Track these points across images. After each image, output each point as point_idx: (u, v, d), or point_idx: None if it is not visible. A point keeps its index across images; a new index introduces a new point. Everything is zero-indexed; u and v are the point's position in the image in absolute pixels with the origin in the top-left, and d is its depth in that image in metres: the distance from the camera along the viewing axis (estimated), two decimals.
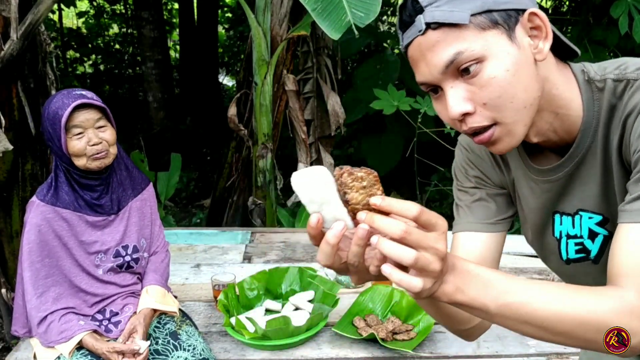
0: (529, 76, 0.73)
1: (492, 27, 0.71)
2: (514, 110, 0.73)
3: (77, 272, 1.61)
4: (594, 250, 0.86)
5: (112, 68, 7.23)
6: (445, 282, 0.66)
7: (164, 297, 1.73)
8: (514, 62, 0.71)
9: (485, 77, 0.71)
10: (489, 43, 0.71)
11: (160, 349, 1.63)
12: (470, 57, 0.70)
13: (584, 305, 0.68)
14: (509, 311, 0.68)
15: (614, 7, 2.84)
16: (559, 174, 0.83)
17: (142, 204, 1.73)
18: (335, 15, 2.09)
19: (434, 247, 0.62)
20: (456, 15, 0.70)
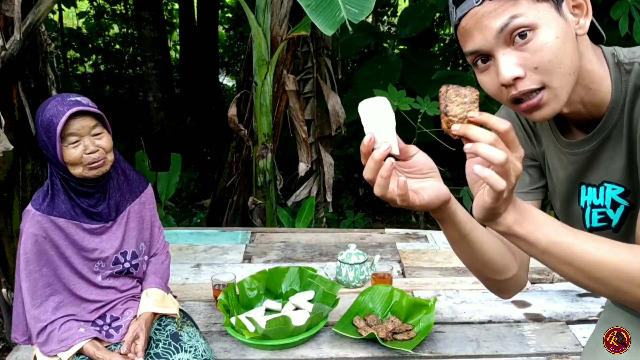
0: (573, 46, 0.79)
1: (543, 0, 0.77)
2: (561, 75, 0.79)
3: (76, 280, 1.59)
4: (615, 220, 0.93)
5: (113, 68, 7.24)
6: (508, 213, 0.75)
7: (164, 299, 1.72)
8: (562, 31, 0.78)
9: (539, 43, 0.77)
10: (541, 13, 0.77)
11: (161, 351, 1.61)
12: (524, 22, 0.76)
13: (623, 256, 0.75)
14: (556, 249, 0.76)
15: (614, 9, 2.84)
16: (586, 147, 0.89)
17: (140, 207, 1.70)
18: (329, 11, 2.08)
19: (515, 162, 0.71)
20: None
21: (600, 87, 0.85)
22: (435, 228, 3.84)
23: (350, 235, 2.72)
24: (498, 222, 0.76)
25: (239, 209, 3.29)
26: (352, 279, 2.13)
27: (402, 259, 2.41)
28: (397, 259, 2.42)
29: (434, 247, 2.55)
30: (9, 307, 2.42)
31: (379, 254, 2.31)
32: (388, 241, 2.62)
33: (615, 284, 0.76)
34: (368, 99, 0.77)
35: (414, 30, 4.09)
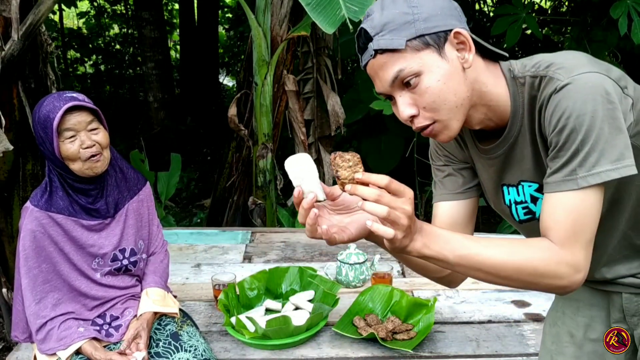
0: (457, 83, 0.93)
1: (425, 48, 0.91)
2: (447, 110, 0.93)
3: (75, 276, 1.59)
4: (538, 212, 1.04)
5: (113, 68, 7.24)
6: (415, 240, 0.87)
7: (164, 298, 1.72)
8: (444, 74, 0.92)
9: (423, 87, 0.92)
10: (424, 60, 0.91)
11: (161, 351, 1.62)
12: (409, 73, 0.91)
13: (521, 255, 0.89)
14: (464, 261, 0.89)
15: (613, 8, 2.83)
16: (498, 152, 1.03)
17: (139, 204, 1.71)
18: (329, 9, 2.09)
19: (402, 207, 0.83)
20: (395, 42, 0.91)
21: (499, 103, 0.98)
22: None
23: None
24: (408, 251, 0.88)
25: (239, 209, 3.30)
26: (352, 278, 2.13)
27: None
28: (397, 259, 2.42)
29: None
30: (9, 306, 2.43)
31: (379, 254, 2.31)
32: None
33: (520, 279, 0.90)
34: (291, 157, 0.91)
35: None
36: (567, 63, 0.92)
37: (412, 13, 0.91)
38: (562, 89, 0.88)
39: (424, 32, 0.91)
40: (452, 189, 1.14)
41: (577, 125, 0.87)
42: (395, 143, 4.08)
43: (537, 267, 0.88)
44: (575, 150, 0.88)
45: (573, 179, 0.88)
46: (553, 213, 0.90)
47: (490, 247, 0.90)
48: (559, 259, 0.88)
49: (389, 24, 0.92)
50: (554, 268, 0.88)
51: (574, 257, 0.89)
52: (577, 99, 0.87)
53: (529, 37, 4.64)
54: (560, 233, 0.89)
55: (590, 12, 3.33)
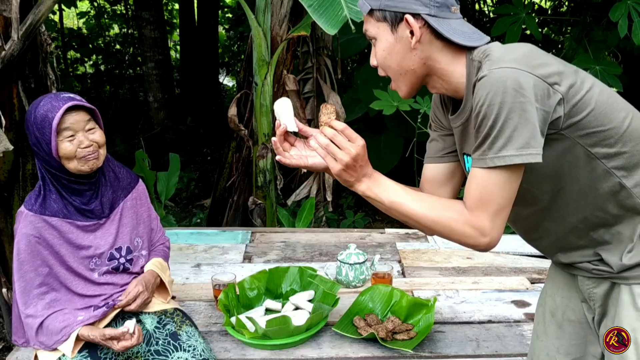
0: (400, 56, 1.12)
1: (382, 21, 1.11)
2: (392, 73, 1.16)
3: (72, 278, 1.59)
4: None
5: (113, 68, 7.23)
6: (361, 182, 1.12)
7: (165, 270, 1.75)
8: (388, 47, 1.12)
9: (375, 50, 1.15)
10: (379, 30, 1.12)
11: (160, 349, 1.62)
12: (369, 35, 1.15)
13: (437, 212, 1.09)
14: (395, 206, 1.11)
15: (613, 10, 2.83)
16: (457, 123, 1.17)
17: (133, 202, 1.72)
18: (331, 10, 2.09)
19: (347, 147, 1.08)
20: (364, 8, 1.13)
21: (451, 78, 1.13)
22: None
23: (350, 235, 2.72)
24: (355, 189, 1.12)
25: (239, 209, 3.30)
26: (352, 278, 2.13)
27: (402, 259, 2.41)
28: (397, 259, 2.43)
29: (433, 247, 2.55)
30: (9, 306, 2.43)
31: (379, 254, 2.31)
32: (388, 241, 2.62)
33: (437, 231, 1.10)
34: (278, 100, 1.24)
35: None
36: (499, 55, 1.04)
37: None
38: (481, 80, 1.02)
39: (385, 8, 1.10)
40: (434, 153, 1.32)
41: (488, 113, 1.00)
42: (395, 143, 4.08)
43: (448, 224, 1.08)
44: (487, 134, 1.02)
45: (483, 159, 1.03)
46: (469, 184, 1.07)
47: (417, 201, 1.10)
48: (465, 220, 1.06)
49: None
50: (461, 227, 1.06)
51: (479, 222, 1.05)
52: (489, 90, 1.00)
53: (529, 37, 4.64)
54: (470, 201, 1.06)
55: (590, 12, 3.32)
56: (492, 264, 2.35)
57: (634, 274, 1.12)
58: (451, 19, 1.11)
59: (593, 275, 1.18)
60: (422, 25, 1.09)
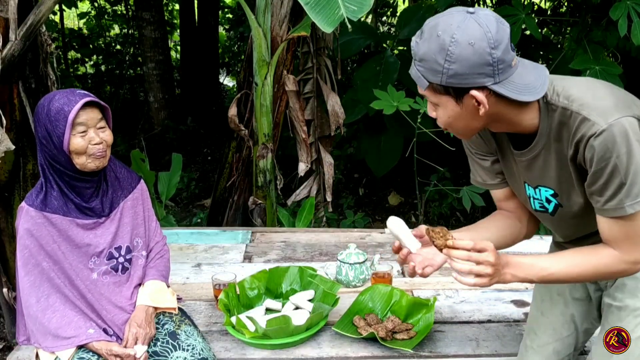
0: (467, 121, 1.17)
1: (444, 94, 1.13)
2: (456, 131, 1.23)
3: (72, 277, 1.60)
4: (550, 209, 1.34)
5: (113, 68, 7.23)
6: (504, 274, 1.20)
7: (161, 292, 1.73)
8: (454, 114, 1.16)
9: (439, 114, 1.19)
10: (441, 100, 1.15)
11: (159, 350, 1.62)
12: (430, 100, 1.18)
13: (592, 264, 1.21)
14: (546, 279, 1.24)
15: (613, 10, 2.83)
16: (524, 158, 1.26)
17: (134, 202, 1.72)
18: (328, 9, 2.09)
19: (486, 260, 1.15)
20: (420, 82, 1.14)
21: (521, 123, 1.19)
22: None
23: (350, 235, 2.72)
24: (503, 282, 1.21)
25: (239, 209, 3.30)
26: (352, 278, 2.13)
27: None
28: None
29: None
30: (9, 306, 2.43)
31: (379, 254, 2.31)
32: (388, 241, 2.63)
33: (597, 277, 1.26)
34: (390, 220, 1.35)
35: (413, 31, 4.08)
36: (598, 104, 1.11)
37: (443, 67, 1.08)
38: (602, 134, 1.09)
39: (447, 84, 1.10)
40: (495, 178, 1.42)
41: (618, 165, 1.10)
42: (395, 143, 4.08)
43: (608, 270, 1.21)
44: (620, 184, 1.12)
45: (622, 207, 1.14)
46: (611, 231, 1.19)
47: (565, 264, 1.21)
48: (621, 260, 1.20)
49: (424, 60, 1.10)
50: (619, 267, 1.21)
51: (632, 257, 1.20)
52: (615, 143, 1.08)
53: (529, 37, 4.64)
54: (619, 244, 1.19)
55: (589, 13, 3.33)
56: None
57: None
58: (514, 74, 1.11)
59: None
60: (488, 94, 1.11)
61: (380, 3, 5.81)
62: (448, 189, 3.83)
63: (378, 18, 6.43)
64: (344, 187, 4.73)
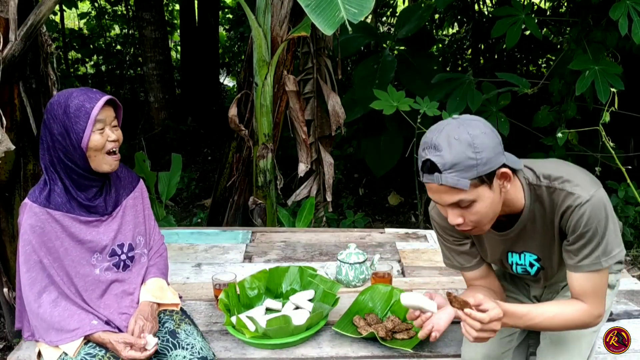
0: (497, 205, 1.32)
1: (480, 185, 1.25)
2: (486, 222, 1.33)
3: (74, 273, 1.61)
4: (532, 272, 1.54)
5: (114, 69, 7.23)
6: (502, 325, 1.31)
7: (162, 290, 1.74)
8: (491, 202, 1.29)
9: (474, 210, 1.29)
10: (478, 193, 1.26)
11: (158, 348, 1.63)
12: (466, 202, 1.27)
13: (567, 315, 1.39)
14: (530, 325, 1.39)
15: (613, 9, 2.84)
16: (511, 234, 1.45)
17: (135, 201, 1.74)
18: (328, 11, 2.09)
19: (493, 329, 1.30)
20: (461, 183, 1.23)
21: (515, 204, 1.38)
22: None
23: (350, 235, 2.73)
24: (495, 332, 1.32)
25: (239, 209, 3.30)
26: (352, 278, 2.14)
27: (402, 259, 2.42)
28: (397, 259, 2.43)
29: (433, 246, 2.56)
30: (10, 306, 2.43)
31: (378, 254, 2.32)
32: (388, 241, 2.63)
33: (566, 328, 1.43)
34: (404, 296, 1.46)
35: (411, 30, 4.10)
36: (576, 181, 1.34)
37: (476, 159, 1.21)
38: (586, 204, 1.30)
39: (482, 173, 1.23)
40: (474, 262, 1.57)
41: (598, 228, 1.32)
42: (395, 142, 4.09)
43: (577, 322, 1.40)
44: (597, 244, 1.33)
45: (598, 262, 1.35)
46: (582, 286, 1.38)
47: (546, 316, 1.38)
48: (590, 314, 1.38)
49: (456, 165, 1.21)
50: (588, 320, 1.40)
51: (599, 310, 1.39)
52: (596, 211, 1.31)
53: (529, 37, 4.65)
54: (588, 297, 1.38)
55: (589, 13, 3.33)
56: None
57: None
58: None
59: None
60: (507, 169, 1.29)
61: (380, 3, 5.82)
62: None
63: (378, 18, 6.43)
64: (344, 187, 4.73)
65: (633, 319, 1.93)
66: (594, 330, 1.55)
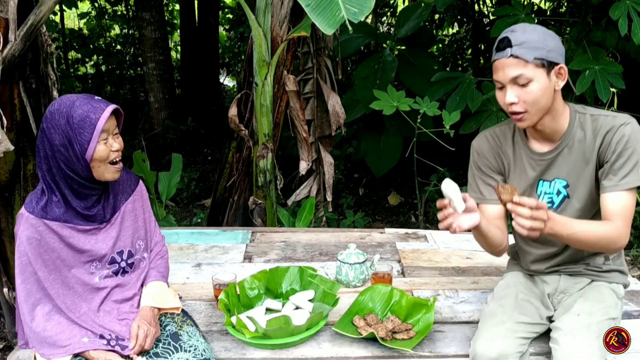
0: (548, 95, 1.51)
1: (541, 67, 1.47)
2: (536, 109, 1.52)
3: (72, 283, 1.59)
4: (556, 203, 1.66)
5: (114, 69, 7.23)
6: (545, 227, 1.40)
7: (163, 293, 1.73)
8: (544, 87, 1.49)
9: (529, 89, 1.48)
10: (537, 74, 1.47)
11: (160, 351, 1.61)
12: (526, 78, 1.47)
13: (599, 230, 1.51)
14: (569, 235, 1.48)
15: (613, 9, 2.84)
16: (547, 157, 1.63)
17: (134, 205, 1.72)
18: (329, 10, 2.08)
19: (541, 217, 1.38)
20: (527, 55, 1.45)
21: (559, 120, 1.58)
22: (434, 228, 3.85)
23: (350, 235, 2.73)
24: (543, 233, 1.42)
25: (239, 209, 3.30)
26: (352, 278, 2.14)
27: (402, 259, 2.42)
28: (397, 259, 2.43)
29: (433, 246, 2.56)
30: (9, 306, 2.43)
31: (378, 254, 2.32)
32: (388, 241, 2.63)
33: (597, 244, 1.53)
34: (445, 182, 1.50)
35: (410, 29, 4.10)
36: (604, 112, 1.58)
37: (544, 44, 1.46)
38: (628, 125, 1.52)
39: (546, 57, 1.46)
40: (490, 195, 1.70)
41: (637, 147, 1.51)
42: (395, 143, 4.09)
43: (608, 237, 1.50)
44: (636, 162, 1.51)
45: (637, 179, 1.51)
46: (617, 206, 1.52)
47: (584, 228, 1.49)
48: (619, 232, 1.50)
49: (527, 42, 1.45)
50: (617, 237, 1.51)
51: (627, 231, 1.52)
52: (636, 132, 1.51)
53: None
54: (620, 219, 1.51)
55: (589, 13, 3.33)
56: (491, 264, 2.36)
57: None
58: None
59: (577, 273, 1.75)
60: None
61: (380, 3, 5.82)
62: None
63: (378, 18, 6.44)
64: (344, 187, 4.73)
65: (633, 319, 1.93)
66: (613, 316, 1.64)
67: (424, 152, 3.61)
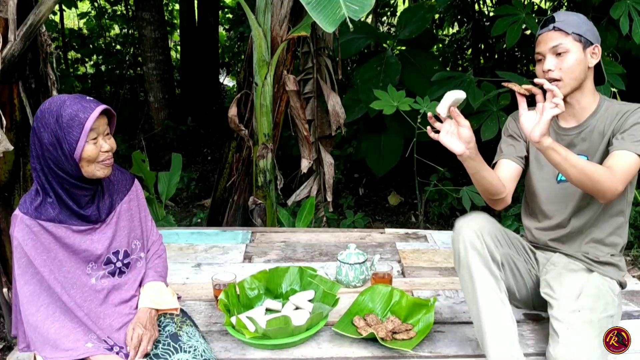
0: (581, 69, 1.68)
1: (579, 42, 1.67)
2: (570, 78, 1.68)
3: (72, 283, 1.58)
4: None
5: (113, 68, 7.22)
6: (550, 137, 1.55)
7: (161, 293, 1.72)
8: (579, 59, 1.67)
9: (566, 58, 1.67)
10: (574, 47, 1.67)
11: (160, 352, 1.61)
12: (565, 47, 1.67)
13: (597, 168, 1.57)
14: (568, 158, 1.54)
15: (613, 8, 2.84)
16: (571, 133, 1.78)
17: (129, 204, 1.70)
18: (329, 8, 2.08)
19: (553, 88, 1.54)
20: (568, 28, 1.66)
21: (588, 98, 1.74)
22: (434, 228, 3.85)
23: (350, 235, 2.72)
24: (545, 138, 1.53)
25: (239, 209, 3.30)
26: (352, 278, 2.14)
27: (402, 259, 2.42)
28: (397, 259, 2.43)
29: (433, 247, 2.56)
30: (9, 306, 2.43)
31: (378, 254, 2.31)
32: (388, 241, 2.63)
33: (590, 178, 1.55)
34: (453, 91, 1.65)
35: (414, 32, 4.08)
36: (620, 101, 1.77)
37: (585, 25, 1.68)
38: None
39: (584, 35, 1.66)
40: (512, 153, 1.86)
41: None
42: (395, 143, 4.09)
43: (600, 179, 1.55)
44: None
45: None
46: (619, 160, 1.60)
47: (581, 159, 1.57)
48: (613, 179, 1.56)
49: (567, 20, 1.67)
50: (609, 183, 1.56)
51: (620, 183, 1.58)
52: None
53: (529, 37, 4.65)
54: (618, 172, 1.58)
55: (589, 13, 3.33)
56: None
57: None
58: None
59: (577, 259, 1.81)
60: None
61: (381, 3, 5.81)
62: (448, 189, 3.83)
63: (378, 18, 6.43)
64: (344, 187, 4.73)
65: (633, 319, 1.93)
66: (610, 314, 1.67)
67: (424, 152, 3.60)
